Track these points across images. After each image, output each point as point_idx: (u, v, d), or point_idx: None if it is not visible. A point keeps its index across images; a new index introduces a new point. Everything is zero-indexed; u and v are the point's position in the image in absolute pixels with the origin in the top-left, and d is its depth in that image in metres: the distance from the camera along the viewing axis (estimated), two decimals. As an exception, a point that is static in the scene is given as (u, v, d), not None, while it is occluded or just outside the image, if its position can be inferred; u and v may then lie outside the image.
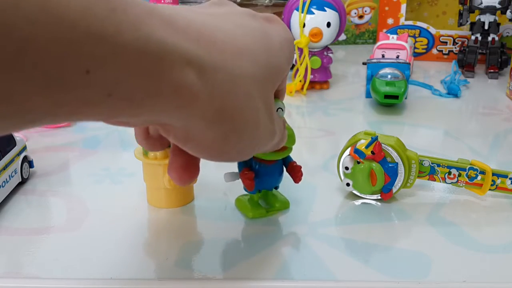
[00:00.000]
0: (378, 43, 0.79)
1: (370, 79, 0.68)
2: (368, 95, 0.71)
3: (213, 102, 0.24)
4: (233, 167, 0.40)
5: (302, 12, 0.72)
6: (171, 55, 0.21)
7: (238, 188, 0.44)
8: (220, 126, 0.25)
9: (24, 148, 0.47)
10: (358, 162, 0.42)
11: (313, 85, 0.77)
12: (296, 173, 0.40)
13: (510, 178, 0.43)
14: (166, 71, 0.21)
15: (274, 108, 0.29)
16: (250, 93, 0.26)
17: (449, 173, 0.43)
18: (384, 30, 0.96)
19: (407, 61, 0.71)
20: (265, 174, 0.40)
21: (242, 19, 0.28)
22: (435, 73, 0.88)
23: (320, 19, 0.72)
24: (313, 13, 0.72)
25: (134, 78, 0.20)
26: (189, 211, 0.42)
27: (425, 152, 0.45)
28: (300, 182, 0.41)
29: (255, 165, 0.39)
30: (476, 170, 0.43)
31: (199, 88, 0.23)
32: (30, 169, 0.48)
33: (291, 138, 0.38)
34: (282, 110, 0.37)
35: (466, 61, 0.85)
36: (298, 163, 0.40)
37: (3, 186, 0.42)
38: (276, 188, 0.42)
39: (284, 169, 0.41)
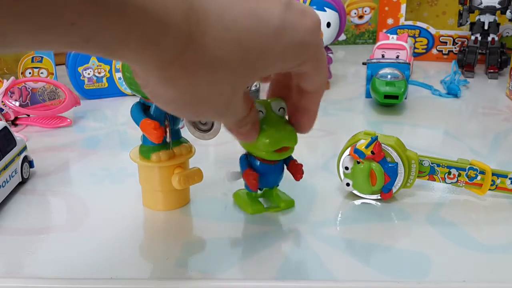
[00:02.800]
0: (378, 43, 0.79)
1: (370, 79, 0.68)
2: (368, 95, 0.71)
3: (172, 67, 0.25)
4: (234, 166, 0.40)
5: (302, 12, 0.72)
6: (151, 17, 0.23)
7: (238, 188, 0.44)
8: (169, 92, 0.27)
9: (24, 148, 0.47)
10: (358, 162, 0.42)
11: (313, 85, 0.77)
12: (297, 171, 0.40)
13: (510, 178, 0.43)
14: (140, 28, 0.23)
15: (240, 92, 0.29)
16: (218, 78, 0.27)
17: (449, 173, 0.43)
18: (384, 30, 0.96)
19: (407, 61, 0.71)
20: (268, 173, 0.40)
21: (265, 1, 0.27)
22: (435, 73, 0.88)
23: (320, 19, 0.72)
24: (313, 13, 0.72)
25: (111, 31, 0.22)
26: (189, 211, 0.42)
27: (425, 152, 0.45)
28: (300, 182, 0.41)
29: (258, 164, 0.40)
30: (476, 170, 0.43)
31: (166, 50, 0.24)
32: (30, 169, 0.48)
33: (294, 137, 0.38)
34: (284, 110, 0.37)
35: (466, 61, 0.85)
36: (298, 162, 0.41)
37: (3, 186, 0.42)
38: (277, 186, 0.42)
39: (285, 167, 0.41)
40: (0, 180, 0.42)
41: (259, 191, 0.42)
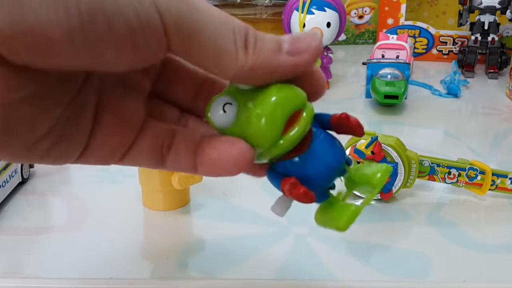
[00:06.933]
0: (378, 43, 0.79)
1: (370, 79, 0.68)
2: (368, 95, 0.71)
3: None
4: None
5: (302, 12, 0.72)
6: None
7: (237, 188, 0.44)
8: None
9: (24, 148, 0.47)
10: (358, 162, 0.42)
11: (313, 85, 0.77)
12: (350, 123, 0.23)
13: (510, 178, 0.43)
14: None
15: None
16: None
17: (449, 173, 0.43)
18: (384, 30, 0.96)
19: (407, 61, 0.71)
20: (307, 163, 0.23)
21: None
22: (435, 73, 0.88)
23: (320, 19, 0.72)
24: (313, 13, 0.72)
25: None
26: (189, 212, 0.42)
27: (425, 152, 0.45)
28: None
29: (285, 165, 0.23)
30: (476, 170, 0.43)
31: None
32: (30, 169, 0.48)
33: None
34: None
35: (466, 61, 0.85)
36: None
37: (3, 186, 0.42)
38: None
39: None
40: (0, 180, 0.42)
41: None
